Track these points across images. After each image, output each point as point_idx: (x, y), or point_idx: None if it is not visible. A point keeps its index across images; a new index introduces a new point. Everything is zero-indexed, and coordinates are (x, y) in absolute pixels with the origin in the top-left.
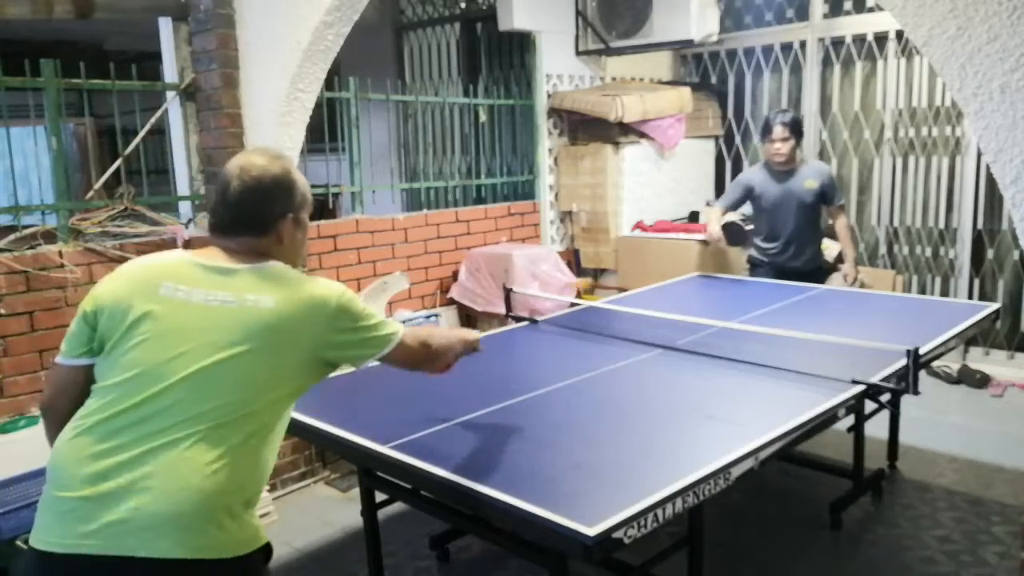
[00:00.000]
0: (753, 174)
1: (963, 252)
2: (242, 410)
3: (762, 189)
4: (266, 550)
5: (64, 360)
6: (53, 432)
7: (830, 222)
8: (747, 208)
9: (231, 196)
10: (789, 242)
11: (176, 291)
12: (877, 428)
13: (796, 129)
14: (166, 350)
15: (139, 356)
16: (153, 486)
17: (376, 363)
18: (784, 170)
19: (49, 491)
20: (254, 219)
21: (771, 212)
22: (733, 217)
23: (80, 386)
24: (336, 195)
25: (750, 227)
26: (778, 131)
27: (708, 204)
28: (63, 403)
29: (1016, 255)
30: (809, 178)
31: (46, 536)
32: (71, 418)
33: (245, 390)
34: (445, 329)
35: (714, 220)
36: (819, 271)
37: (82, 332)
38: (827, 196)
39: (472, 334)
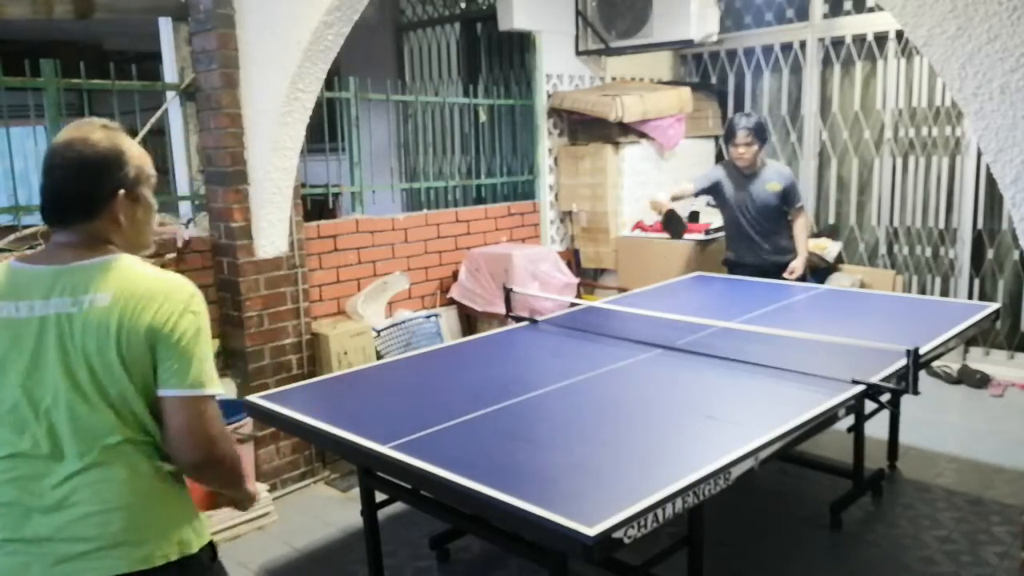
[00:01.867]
0: (721, 172)
1: (963, 252)
2: (120, 421)
3: (727, 188)
4: (210, 547)
5: None
6: None
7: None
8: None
9: (52, 176)
10: (755, 241)
11: (17, 309)
12: (877, 428)
13: (760, 134)
14: (20, 378)
15: (6, 390)
16: (78, 515)
17: (175, 405)
18: (747, 173)
19: None
20: (81, 200)
21: (734, 211)
22: (687, 206)
23: None
24: (336, 195)
25: (687, 219)
26: (741, 136)
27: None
28: None
29: (1016, 255)
30: (772, 180)
31: None
32: None
33: (114, 400)
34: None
35: (669, 192)
36: (783, 270)
37: None
38: (788, 198)
39: (253, 492)
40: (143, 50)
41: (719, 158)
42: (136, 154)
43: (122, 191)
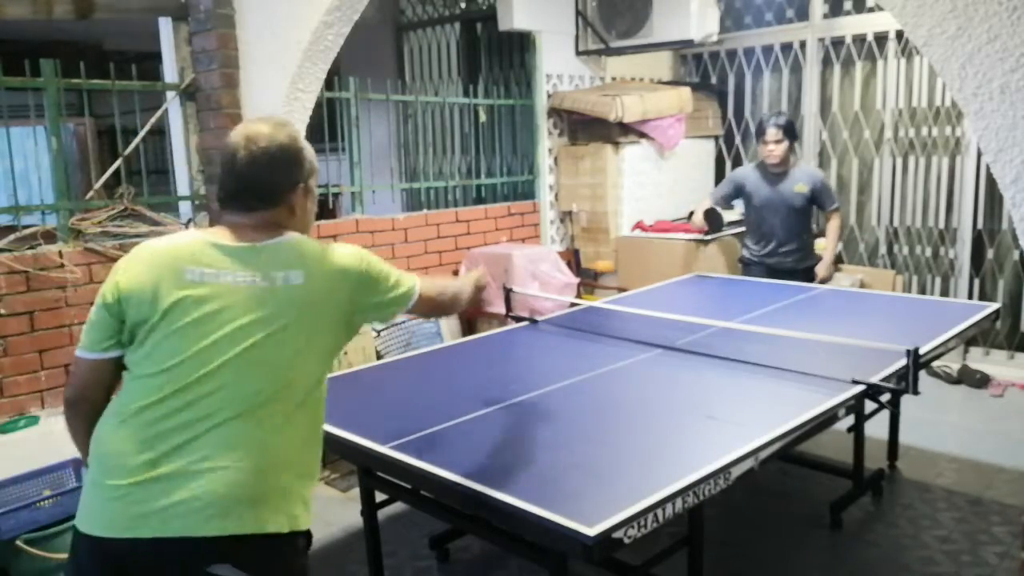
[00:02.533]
0: (746, 173)
1: (963, 252)
2: (285, 385)
3: (753, 188)
4: (307, 535)
5: (90, 354)
6: (82, 425)
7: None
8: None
9: (239, 167)
10: (778, 242)
11: (203, 275)
12: (877, 428)
13: (790, 131)
14: (203, 336)
15: (177, 344)
16: (207, 467)
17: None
18: (777, 172)
19: (98, 479)
20: (265, 190)
21: (760, 212)
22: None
23: (110, 377)
24: (336, 195)
25: (727, 221)
26: (771, 133)
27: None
28: (93, 395)
29: (1016, 255)
30: (800, 182)
31: (99, 522)
32: (103, 410)
33: (286, 366)
34: (455, 279)
35: (699, 210)
36: (810, 270)
37: (107, 323)
38: (819, 201)
39: (476, 274)
40: (143, 50)
41: (719, 158)
42: (310, 150)
43: (302, 184)
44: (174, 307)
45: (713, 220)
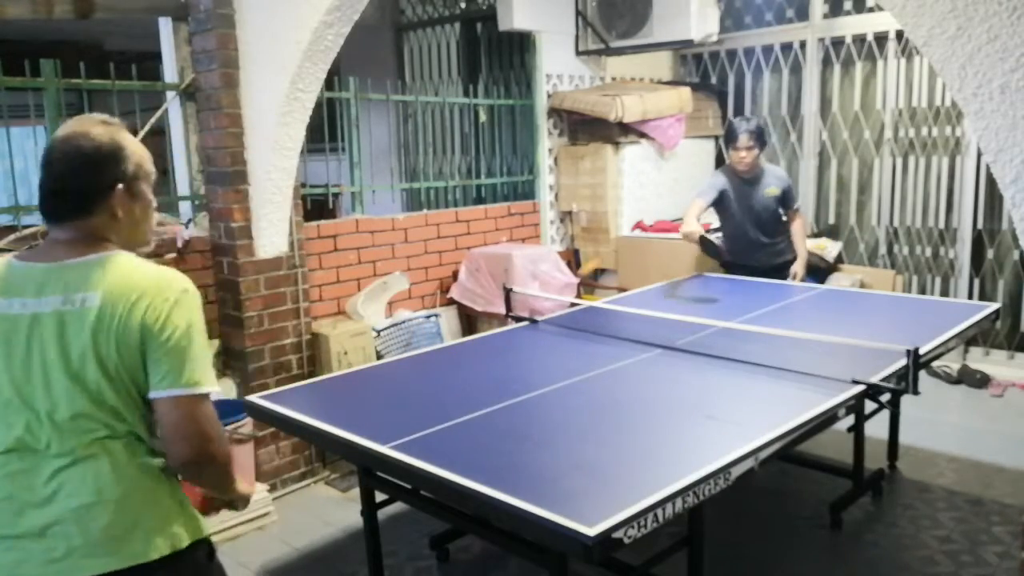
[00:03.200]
0: (723, 180)
1: (963, 252)
2: (110, 417)
3: (731, 195)
4: (205, 545)
5: None
6: None
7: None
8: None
9: (51, 169)
10: (757, 244)
11: (11, 305)
12: (877, 428)
13: (760, 138)
14: (20, 372)
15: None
16: (69, 509)
17: (163, 405)
18: (748, 177)
19: None
20: (79, 195)
21: (738, 217)
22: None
23: None
24: (336, 195)
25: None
26: (743, 140)
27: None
28: None
29: (1016, 255)
30: (771, 185)
31: None
32: None
33: (102, 397)
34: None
35: (692, 215)
36: (786, 265)
37: None
38: (786, 201)
39: (252, 492)
40: (143, 50)
41: (719, 159)
42: (135, 150)
43: (120, 186)
44: None
45: (710, 249)
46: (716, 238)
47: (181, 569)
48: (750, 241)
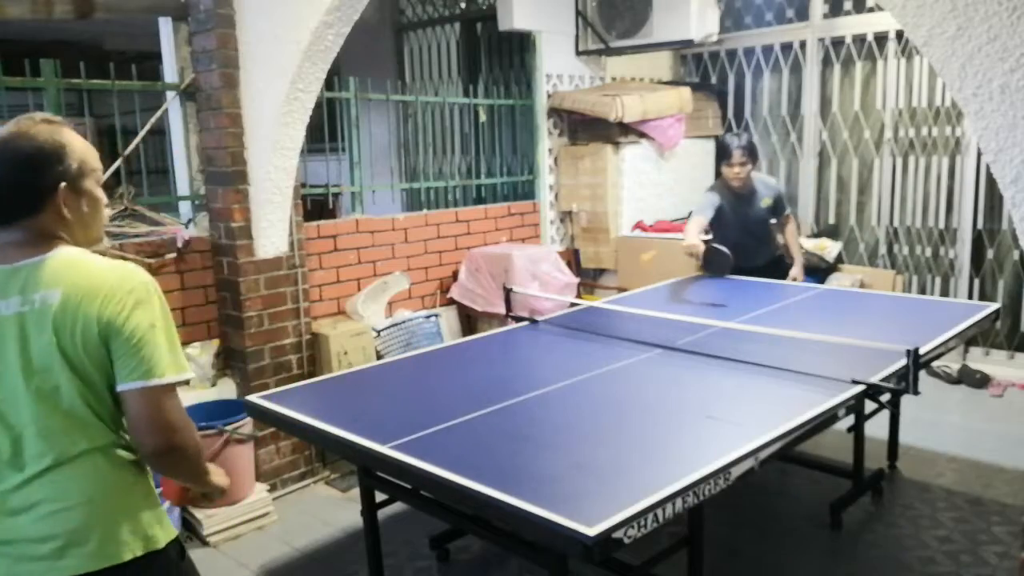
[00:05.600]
0: (718, 196)
1: (963, 252)
2: (81, 419)
3: (727, 211)
4: (176, 546)
5: None
6: None
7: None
8: None
9: None
10: (750, 251)
11: None
12: (877, 428)
13: (752, 153)
14: None
15: None
16: (43, 513)
17: (136, 397)
18: (743, 193)
19: None
20: (22, 195)
21: (734, 231)
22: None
23: None
24: (336, 195)
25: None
26: (737, 156)
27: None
28: None
29: (1016, 255)
30: (764, 197)
31: None
32: None
33: (72, 398)
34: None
35: (694, 231)
36: (776, 262)
37: None
38: (777, 209)
39: (225, 483)
40: (143, 50)
41: (718, 167)
42: (79, 147)
43: (63, 184)
44: None
45: (718, 258)
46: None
47: (156, 568)
48: (745, 250)
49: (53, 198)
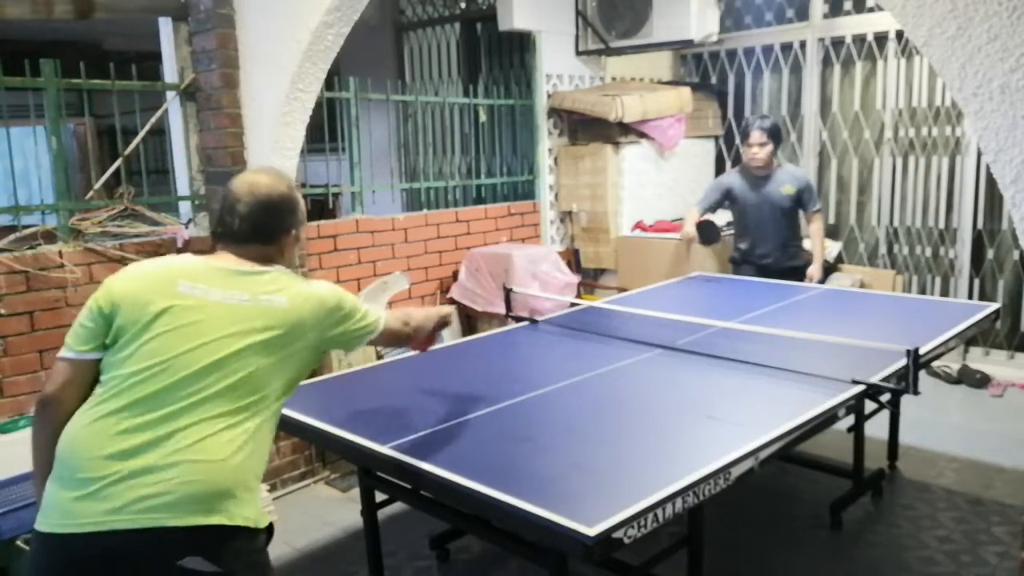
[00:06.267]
0: (732, 177)
1: (963, 252)
2: (257, 393)
3: (740, 193)
4: (270, 530)
5: (73, 355)
6: (50, 424)
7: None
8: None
9: (242, 210)
10: (767, 244)
11: (194, 288)
12: (877, 428)
13: (774, 134)
14: (186, 341)
15: (159, 347)
16: (179, 461)
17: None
18: (761, 175)
19: (66, 476)
20: (264, 232)
21: (748, 215)
22: (709, 217)
23: (88, 379)
24: (336, 195)
25: (723, 226)
26: (756, 136)
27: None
28: (69, 396)
29: (1016, 255)
30: (786, 184)
31: (69, 519)
32: (76, 410)
33: (261, 377)
34: (422, 309)
35: (690, 221)
36: (798, 269)
37: (95, 327)
38: (803, 202)
39: (445, 309)
40: (143, 50)
41: (719, 159)
42: (302, 202)
43: (294, 231)
44: (163, 314)
45: (707, 232)
46: (718, 223)
47: (252, 542)
48: (757, 238)
49: (285, 239)
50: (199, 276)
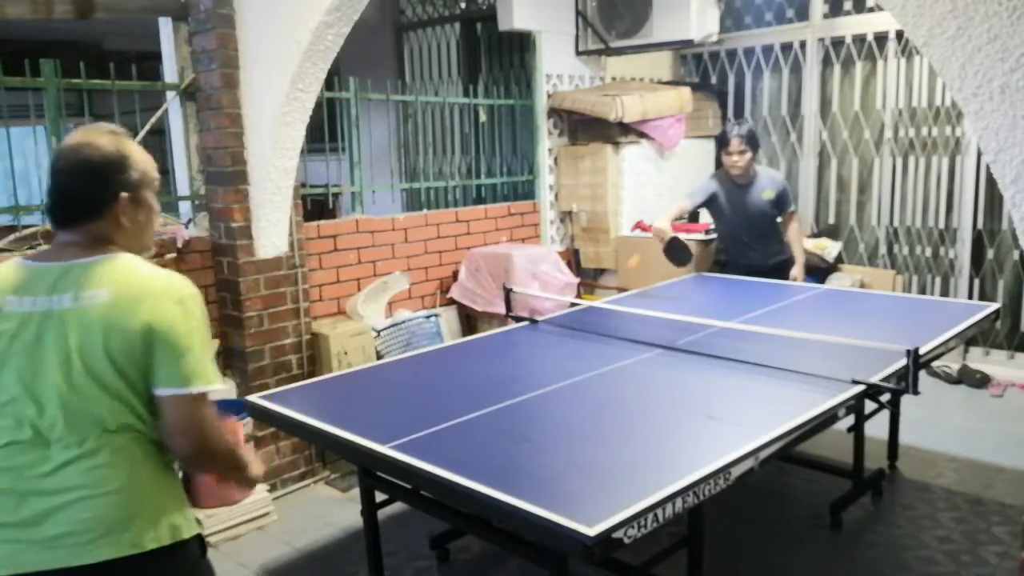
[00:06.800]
0: (715, 184)
1: (963, 252)
2: (120, 413)
3: (723, 198)
4: (199, 541)
5: None
6: None
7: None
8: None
9: (60, 179)
10: (751, 247)
11: (21, 303)
12: (877, 428)
13: (752, 142)
14: (27, 368)
15: (6, 380)
16: (73, 499)
17: (171, 402)
18: (742, 183)
19: None
20: (86, 201)
21: (732, 221)
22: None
23: None
24: (336, 195)
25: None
26: (735, 144)
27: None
28: None
29: (1016, 255)
30: (766, 189)
31: None
32: None
33: (108, 390)
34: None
35: (667, 216)
36: (784, 265)
37: None
38: (781, 204)
39: (259, 472)
40: (143, 50)
41: (719, 159)
42: (140, 159)
43: (125, 194)
44: None
45: (678, 254)
46: (690, 241)
47: (177, 561)
48: (743, 243)
49: (114, 206)
50: (25, 286)
